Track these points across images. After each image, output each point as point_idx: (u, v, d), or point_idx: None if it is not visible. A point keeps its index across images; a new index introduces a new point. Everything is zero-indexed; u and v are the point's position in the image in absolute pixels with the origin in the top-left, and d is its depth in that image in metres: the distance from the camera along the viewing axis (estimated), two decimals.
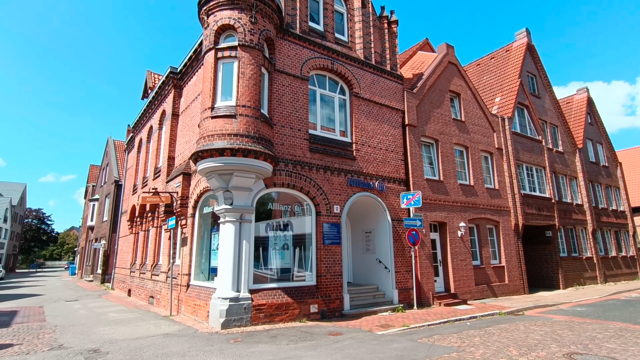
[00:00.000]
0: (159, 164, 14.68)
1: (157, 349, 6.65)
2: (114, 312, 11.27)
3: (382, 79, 13.02)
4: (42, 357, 6.20)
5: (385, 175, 12.26)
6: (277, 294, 9.09)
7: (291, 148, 10.29)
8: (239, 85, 9.16)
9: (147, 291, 13.54)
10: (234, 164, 8.66)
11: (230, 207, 8.88)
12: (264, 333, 7.83)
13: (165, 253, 12.25)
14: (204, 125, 9.17)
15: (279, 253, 9.99)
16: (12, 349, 6.78)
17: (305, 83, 11.01)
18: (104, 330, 8.49)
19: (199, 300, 9.51)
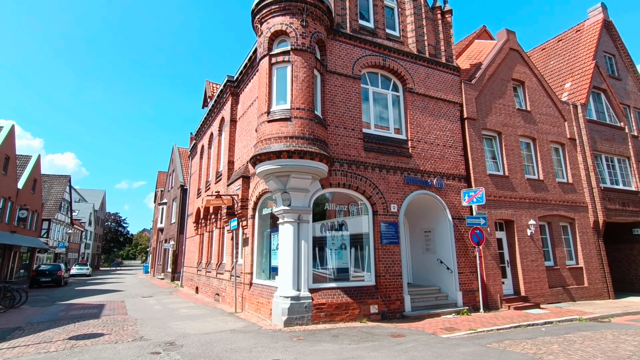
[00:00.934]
0: (220, 169, 15.49)
1: (225, 344, 7.00)
2: (185, 308, 12.09)
3: (437, 72, 12.52)
4: (128, 347, 6.82)
5: (443, 172, 11.77)
6: (336, 294, 9.13)
7: (346, 148, 10.28)
8: (292, 89, 9.36)
9: (213, 289, 14.34)
10: (290, 165, 8.86)
11: (288, 208, 9.09)
12: (325, 332, 7.90)
13: (229, 253, 12.88)
14: (261, 129, 9.50)
15: (335, 253, 10.02)
16: (103, 338, 7.55)
17: (357, 82, 10.95)
18: (177, 324, 9.13)
19: (261, 298, 9.86)
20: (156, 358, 6.05)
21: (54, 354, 6.37)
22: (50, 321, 9.96)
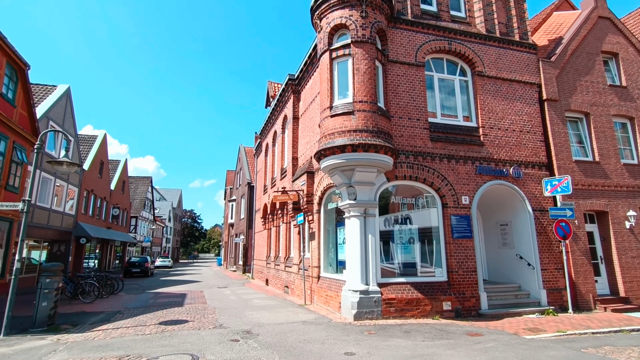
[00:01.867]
0: (284, 165, 15.96)
1: (298, 334, 7.21)
2: (257, 299, 12.70)
3: (510, 51, 11.52)
4: (210, 333, 7.34)
5: (521, 160, 10.83)
6: (406, 289, 8.90)
7: (411, 139, 9.94)
8: (354, 82, 9.25)
9: (282, 281, 14.87)
10: (355, 159, 8.79)
11: (354, 202, 9.05)
12: (396, 327, 7.75)
13: (296, 247, 13.23)
14: (324, 125, 9.56)
15: (402, 247, 9.75)
16: (187, 324, 8.23)
17: (421, 69, 10.49)
18: (252, 314, 9.61)
19: (330, 291, 9.98)
20: (236, 345, 6.41)
21: (149, 337, 7.07)
22: (143, 307, 11.12)
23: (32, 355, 5.83)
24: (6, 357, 5.76)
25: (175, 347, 6.30)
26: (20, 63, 14.16)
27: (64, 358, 5.66)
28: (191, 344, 6.48)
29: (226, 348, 6.23)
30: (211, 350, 6.09)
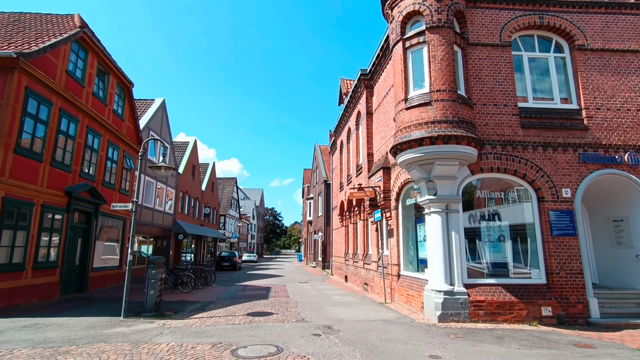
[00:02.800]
0: (359, 162, 15.86)
1: (379, 333, 7.08)
2: (337, 295, 12.84)
3: (622, 16, 9.84)
4: (293, 327, 7.60)
5: (638, 144, 9.20)
6: (496, 291, 8.18)
7: (497, 127, 9.09)
8: (430, 70, 8.77)
9: (361, 278, 14.82)
10: (434, 152, 8.33)
11: (434, 197, 8.59)
12: (486, 332, 7.16)
13: (374, 244, 13.06)
14: (399, 118, 9.24)
15: (490, 246, 8.97)
16: (272, 317, 8.65)
17: (507, 50, 9.52)
18: (332, 310, 9.73)
19: (411, 290, 9.64)
20: (317, 340, 6.54)
21: (238, 326, 7.59)
22: (232, 298, 12.00)
23: (145, 336, 6.66)
24: (126, 335, 6.66)
25: (261, 337, 6.65)
26: (126, 82, 16.31)
27: (169, 341, 6.34)
28: (276, 336, 6.78)
29: (308, 342, 6.38)
30: (294, 343, 6.30)
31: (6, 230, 9.45)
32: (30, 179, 10.37)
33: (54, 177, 11.44)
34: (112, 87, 15.35)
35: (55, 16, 13.97)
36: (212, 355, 5.54)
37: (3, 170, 9.34)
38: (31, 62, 10.14)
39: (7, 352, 5.64)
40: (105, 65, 14.55)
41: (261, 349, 5.88)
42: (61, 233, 11.77)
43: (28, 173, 10.30)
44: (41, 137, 10.81)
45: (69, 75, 12.17)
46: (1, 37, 11.04)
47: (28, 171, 10.30)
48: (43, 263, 10.89)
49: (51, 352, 5.62)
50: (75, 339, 6.47)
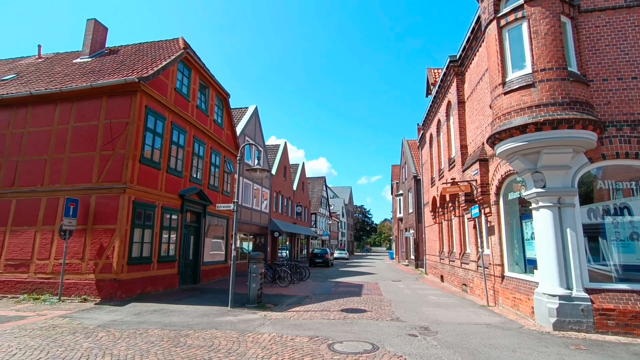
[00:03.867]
0: (452, 155, 14.92)
1: (482, 338, 6.56)
2: (433, 296, 12.28)
3: None
4: (387, 325, 7.50)
5: None
6: (630, 299, 6.91)
7: (624, 105, 7.67)
8: (532, 48, 7.80)
9: (458, 278, 13.94)
10: (540, 139, 7.39)
11: (542, 190, 7.63)
12: (619, 346, 6.10)
13: (472, 242, 12.16)
14: (496, 105, 8.43)
15: (620, 245, 7.59)
16: (366, 314, 8.66)
17: (636, 11, 7.96)
18: (428, 310, 9.33)
19: (518, 293, 8.72)
20: (414, 340, 6.33)
21: (333, 322, 7.77)
22: (326, 294, 12.33)
23: (249, 325, 7.25)
24: (234, 324, 7.34)
25: (356, 334, 6.70)
26: (223, 93, 17.95)
27: (270, 331, 6.79)
28: (370, 333, 6.76)
29: (404, 342, 6.22)
30: (390, 342, 6.19)
31: (137, 229, 11.20)
32: (152, 184, 12.10)
33: (170, 183, 13.16)
34: (212, 99, 17.05)
35: (164, 41, 16.08)
36: (310, 347, 5.76)
37: (132, 178, 11.07)
38: (149, 84, 11.82)
39: (143, 331, 6.68)
40: (205, 80, 16.24)
41: (357, 346, 5.92)
42: (177, 231, 13.50)
43: (150, 180, 12.04)
44: (158, 148, 12.53)
45: (177, 92, 13.88)
46: (127, 66, 13.10)
47: (150, 178, 12.04)
48: (165, 257, 12.62)
49: (175, 335, 6.47)
50: (192, 324, 7.35)
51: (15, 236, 11.17)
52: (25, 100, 12.17)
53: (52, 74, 14.32)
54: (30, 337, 6.21)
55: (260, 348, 5.71)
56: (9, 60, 18.31)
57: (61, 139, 11.64)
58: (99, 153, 11.21)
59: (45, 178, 11.43)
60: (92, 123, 11.53)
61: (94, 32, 15.81)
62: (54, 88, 11.94)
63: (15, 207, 11.40)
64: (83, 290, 10.25)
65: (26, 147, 11.87)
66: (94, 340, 6.02)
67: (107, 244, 10.47)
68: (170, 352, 5.45)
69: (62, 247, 10.55)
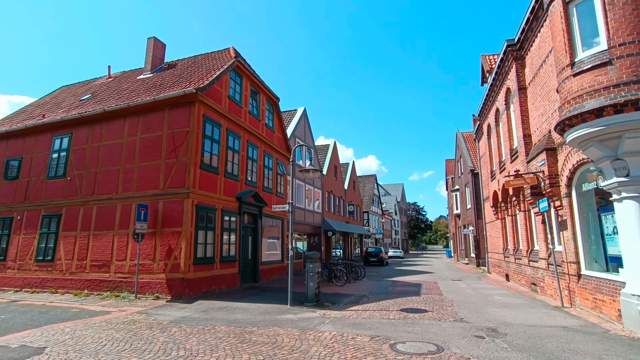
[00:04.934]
0: (514, 145, 13.96)
1: (559, 342, 6.03)
2: (498, 296, 11.56)
3: None
4: (451, 326, 7.19)
5: None
6: None
7: None
8: (607, 21, 7.02)
9: (526, 277, 12.99)
10: (621, 123, 6.62)
11: (625, 179, 6.83)
12: None
13: (541, 238, 11.27)
14: (564, 88, 7.71)
15: None
16: (427, 314, 8.38)
17: None
18: (494, 311, 8.80)
19: (599, 294, 7.91)
20: (481, 342, 5.99)
21: (393, 321, 7.61)
22: (384, 293, 12.14)
23: (309, 323, 7.35)
24: (294, 322, 7.49)
25: (418, 334, 6.50)
26: (273, 98, 18.42)
27: (330, 330, 6.82)
28: (433, 334, 6.52)
29: (471, 343, 5.91)
30: (455, 343, 5.93)
31: (200, 231, 11.87)
32: (212, 189, 12.76)
33: (227, 186, 13.78)
34: (263, 104, 17.58)
35: (216, 52, 16.89)
36: (372, 347, 5.69)
37: (194, 183, 11.76)
38: (205, 94, 12.48)
39: (211, 327, 7.06)
40: (256, 86, 16.78)
41: (420, 346, 5.74)
42: (236, 232, 14.10)
43: (210, 184, 12.69)
44: (216, 154, 13.18)
45: (231, 99, 14.50)
46: (184, 79, 13.94)
47: (210, 182, 12.70)
48: (226, 257, 13.24)
49: (240, 331, 6.75)
50: (255, 321, 7.62)
51: (97, 239, 12.39)
52: (100, 116, 13.46)
53: (120, 90, 15.69)
54: (115, 330, 6.84)
55: (322, 346, 5.76)
56: (85, 82, 20.40)
57: (131, 149, 12.70)
58: (164, 161, 12.06)
59: (119, 186, 12.54)
60: (156, 134, 12.44)
61: (154, 49, 17.06)
62: (123, 104, 13.06)
63: (96, 214, 12.66)
64: (155, 288, 11.09)
65: (102, 159, 13.13)
66: (169, 335, 6.47)
67: (175, 246, 11.22)
68: (237, 348, 5.69)
69: (135, 249, 11.51)
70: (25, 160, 14.85)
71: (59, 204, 13.48)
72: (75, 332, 6.75)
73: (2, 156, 15.50)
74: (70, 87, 20.69)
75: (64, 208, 13.32)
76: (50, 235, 13.35)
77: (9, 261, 13.94)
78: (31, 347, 5.79)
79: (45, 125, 14.59)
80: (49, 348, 5.73)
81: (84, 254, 12.48)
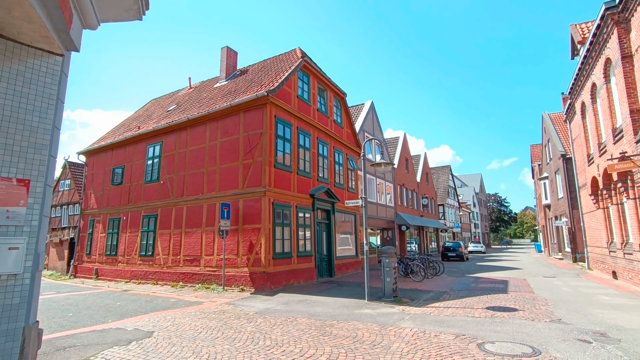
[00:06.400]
0: (616, 124, 12.13)
1: None
2: (604, 295, 10.19)
3: None
4: (547, 327, 6.50)
5: None
6: None
7: None
8: None
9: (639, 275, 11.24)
10: None
11: None
12: None
13: None
14: None
15: None
16: (517, 313, 7.70)
17: None
18: (601, 313, 7.76)
19: None
20: (588, 347, 5.32)
21: (479, 320, 7.13)
22: (466, 290, 11.46)
23: (388, 319, 7.23)
24: (373, 317, 7.44)
25: (509, 335, 6.00)
26: (340, 94, 18.43)
27: (411, 326, 6.63)
28: (527, 335, 5.96)
29: (575, 348, 5.28)
30: (555, 346, 5.34)
31: (278, 227, 12.39)
32: (286, 186, 13.23)
33: (300, 183, 14.17)
34: (331, 101, 17.71)
35: (284, 54, 17.43)
36: (458, 346, 5.40)
37: (270, 181, 12.31)
38: (276, 95, 12.95)
39: (293, 319, 7.34)
40: (323, 83, 16.96)
41: (513, 347, 5.29)
42: (311, 228, 14.44)
43: (284, 182, 13.17)
44: (288, 153, 13.62)
45: (299, 98, 14.85)
46: (256, 83, 14.64)
47: (284, 181, 13.18)
48: (303, 252, 13.65)
49: (321, 324, 6.90)
50: (334, 315, 7.72)
51: (188, 236, 13.66)
52: (184, 125, 14.78)
53: (200, 99, 17.05)
54: (208, 319, 7.47)
55: (404, 343, 5.62)
56: (170, 94, 22.59)
57: (212, 153, 13.74)
58: (242, 162, 12.82)
59: (204, 187, 13.66)
60: (234, 137, 13.27)
61: (227, 57, 18.20)
62: (203, 111, 14.17)
63: (186, 213, 13.96)
64: (240, 281, 11.87)
65: (189, 163, 14.41)
66: (255, 325, 6.87)
67: (255, 241, 11.88)
68: (319, 340, 5.82)
69: (221, 245, 12.44)
70: (127, 168, 16.94)
71: (155, 205, 15.15)
72: (175, 319, 7.52)
73: (109, 165, 17.89)
74: (158, 99, 23.09)
75: (159, 209, 14.92)
76: (150, 233, 15.07)
77: (119, 256, 16.08)
78: (142, 331, 6.60)
79: (140, 136, 16.47)
80: (156, 332, 6.47)
81: (177, 249, 13.86)
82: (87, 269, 17.58)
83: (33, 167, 3.63)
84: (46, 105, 3.79)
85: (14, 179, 3.50)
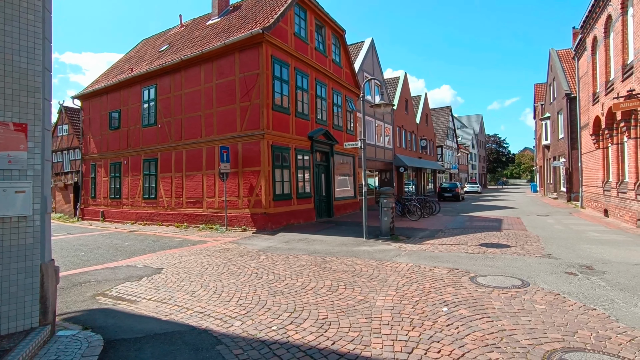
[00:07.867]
0: (627, 60, 11.67)
1: None
2: (594, 232, 10.60)
3: None
4: (537, 262, 6.86)
5: None
6: None
7: None
8: None
9: (631, 213, 11.59)
10: None
11: None
12: None
13: None
14: None
15: None
16: (509, 249, 8.07)
17: None
18: (589, 248, 8.14)
19: None
20: (573, 279, 5.66)
21: (472, 255, 7.50)
22: (460, 228, 11.90)
23: (385, 255, 7.60)
24: (370, 253, 7.81)
25: (500, 269, 6.34)
26: (339, 30, 17.45)
27: (407, 261, 6.99)
28: (517, 269, 6.31)
29: (561, 280, 5.62)
30: (543, 279, 5.68)
31: (277, 169, 12.49)
32: (284, 129, 13.08)
33: (299, 126, 14.00)
34: (329, 39, 16.83)
35: None
36: (451, 279, 5.73)
37: (268, 124, 12.14)
38: (271, 33, 12.27)
39: (294, 256, 7.70)
40: (321, 19, 15.99)
41: (503, 280, 5.62)
42: (310, 170, 14.56)
43: (283, 124, 13.01)
44: (286, 95, 13.26)
45: (296, 36, 14.10)
46: (250, 20, 13.79)
47: (282, 123, 13.00)
48: (302, 194, 13.92)
49: (321, 260, 7.26)
50: (333, 252, 8.09)
51: (189, 180, 13.82)
52: (178, 66, 14.20)
53: (192, 38, 16.18)
54: (213, 256, 7.84)
55: (400, 276, 5.95)
56: (161, 34, 21.38)
57: (208, 95, 13.37)
58: (239, 105, 12.54)
59: (202, 130, 13.51)
60: (229, 78, 12.82)
61: None
62: (197, 51, 13.53)
63: (185, 156, 13.97)
64: (242, 222, 12.25)
65: (185, 106, 14.10)
66: (258, 262, 7.23)
67: (255, 184, 12.05)
68: (320, 274, 6.16)
69: (222, 187, 12.64)
70: (123, 112, 16.61)
71: (154, 149, 15.11)
72: (182, 257, 7.89)
73: (105, 109, 17.52)
74: (149, 39, 21.91)
75: (159, 153, 14.91)
76: (152, 176, 15.23)
77: (123, 199, 16.41)
78: (152, 268, 6.96)
79: (134, 79, 15.91)
80: (165, 269, 6.82)
81: (180, 192, 14.11)
82: (93, 211, 18.04)
83: (28, 111, 3.57)
84: (32, 44, 3.62)
85: (11, 124, 3.45)
